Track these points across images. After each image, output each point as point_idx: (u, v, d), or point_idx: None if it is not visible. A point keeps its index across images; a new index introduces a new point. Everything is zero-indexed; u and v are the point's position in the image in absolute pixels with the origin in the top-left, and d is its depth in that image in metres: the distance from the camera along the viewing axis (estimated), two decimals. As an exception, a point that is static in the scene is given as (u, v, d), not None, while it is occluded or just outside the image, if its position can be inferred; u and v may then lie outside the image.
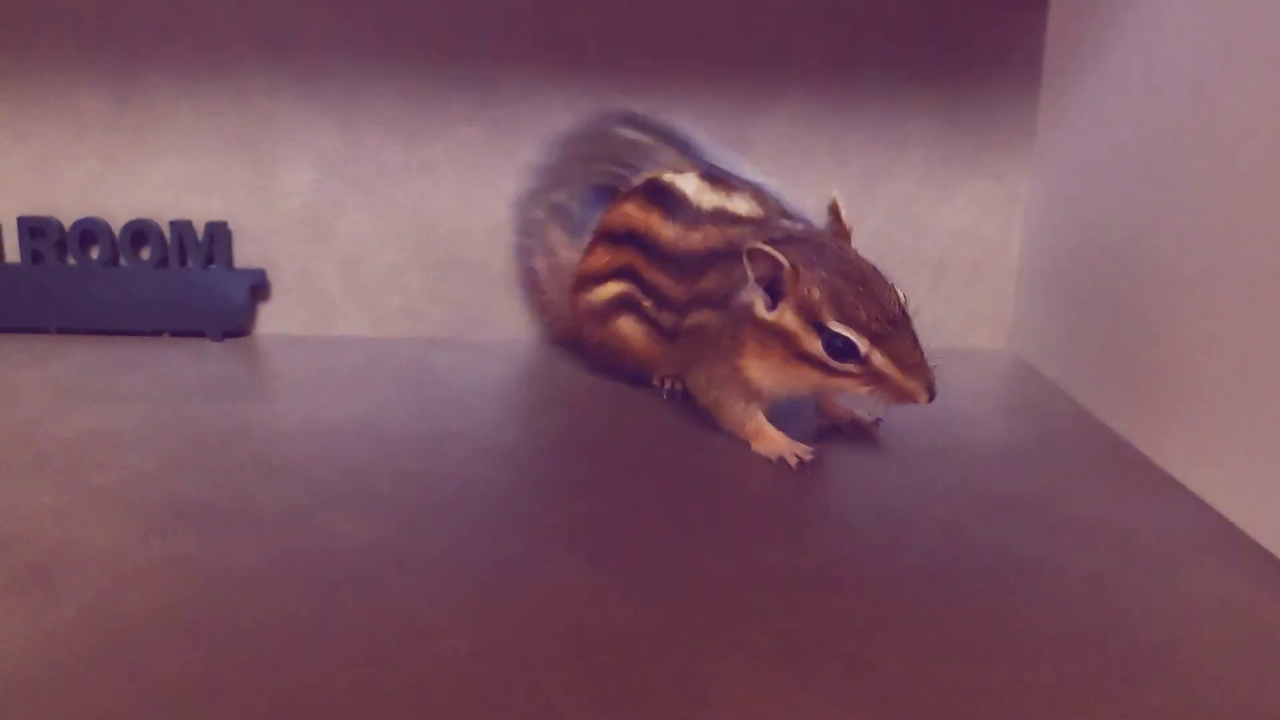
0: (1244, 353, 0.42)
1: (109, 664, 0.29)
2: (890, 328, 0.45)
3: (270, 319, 0.69)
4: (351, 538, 0.38)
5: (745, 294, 0.48)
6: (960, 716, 0.29)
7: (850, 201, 0.52)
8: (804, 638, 0.32)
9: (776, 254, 0.45)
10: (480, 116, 0.67)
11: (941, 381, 0.46)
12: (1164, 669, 0.31)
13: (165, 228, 0.67)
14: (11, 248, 0.67)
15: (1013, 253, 0.71)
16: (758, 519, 0.42)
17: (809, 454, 0.48)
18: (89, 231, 0.67)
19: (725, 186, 0.54)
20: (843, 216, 0.50)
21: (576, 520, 0.41)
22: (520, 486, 0.44)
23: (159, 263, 0.67)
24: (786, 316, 0.46)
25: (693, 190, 0.54)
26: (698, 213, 0.53)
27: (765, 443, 0.49)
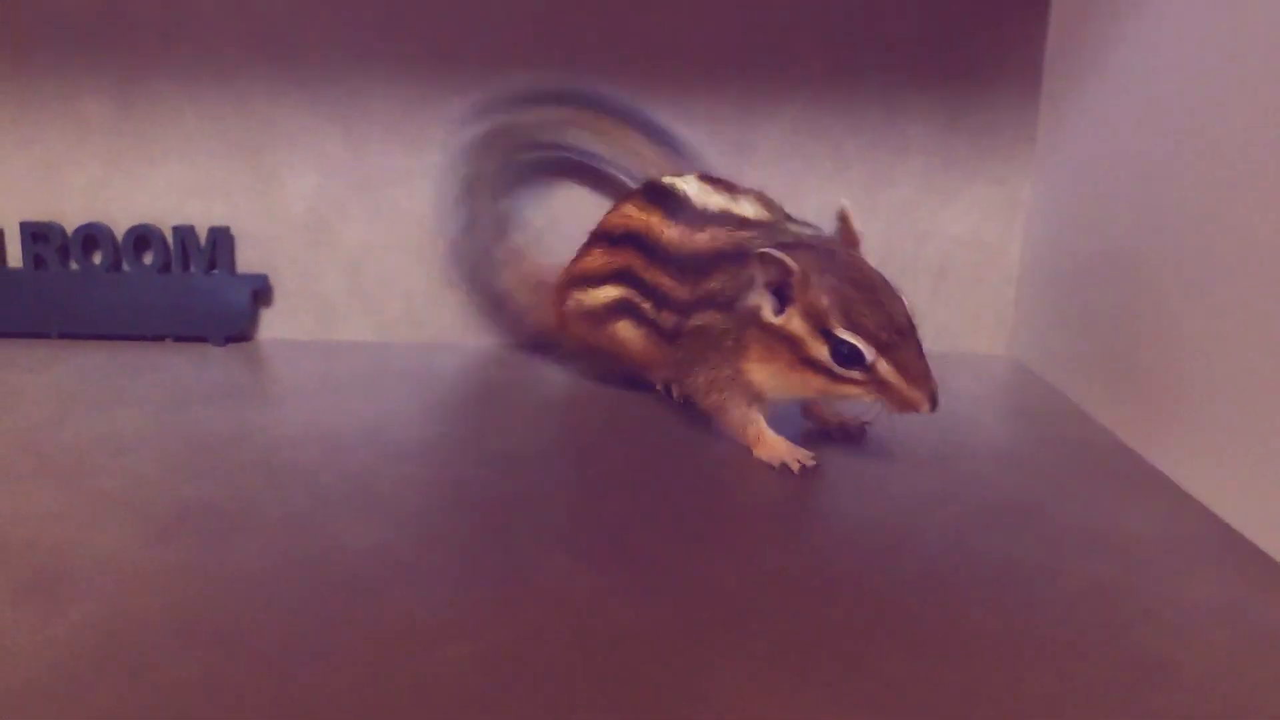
0: (1244, 357, 0.42)
1: (116, 670, 0.30)
2: (897, 337, 0.45)
3: (273, 324, 0.70)
4: (355, 543, 0.38)
5: (752, 297, 0.48)
6: (963, 722, 0.29)
7: (848, 207, 0.52)
8: (806, 642, 0.32)
9: (786, 259, 0.45)
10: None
11: (944, 390, 0.46)
12: (1166, 674, 0.31)
13: (168, 233, 0.67)
14: (14, 253, 0.68)
15: (1013, 258, 0.71)
16: (759, 523, 0.42)
17: (811, 459, 0.48)
18: (92, 237, 0.67)
19: (728, 189, 0.54)
20: (853, 224, 0.50)
21: (579, 525, 0.41)
22: (522, 491, 0.44)
23: (162, 268, 0.67)
24: (794, 322, 0.47)
25: (695, 191, 0.54)
26: (703, 214, 0.53)
27: (766, 448, 0.49)
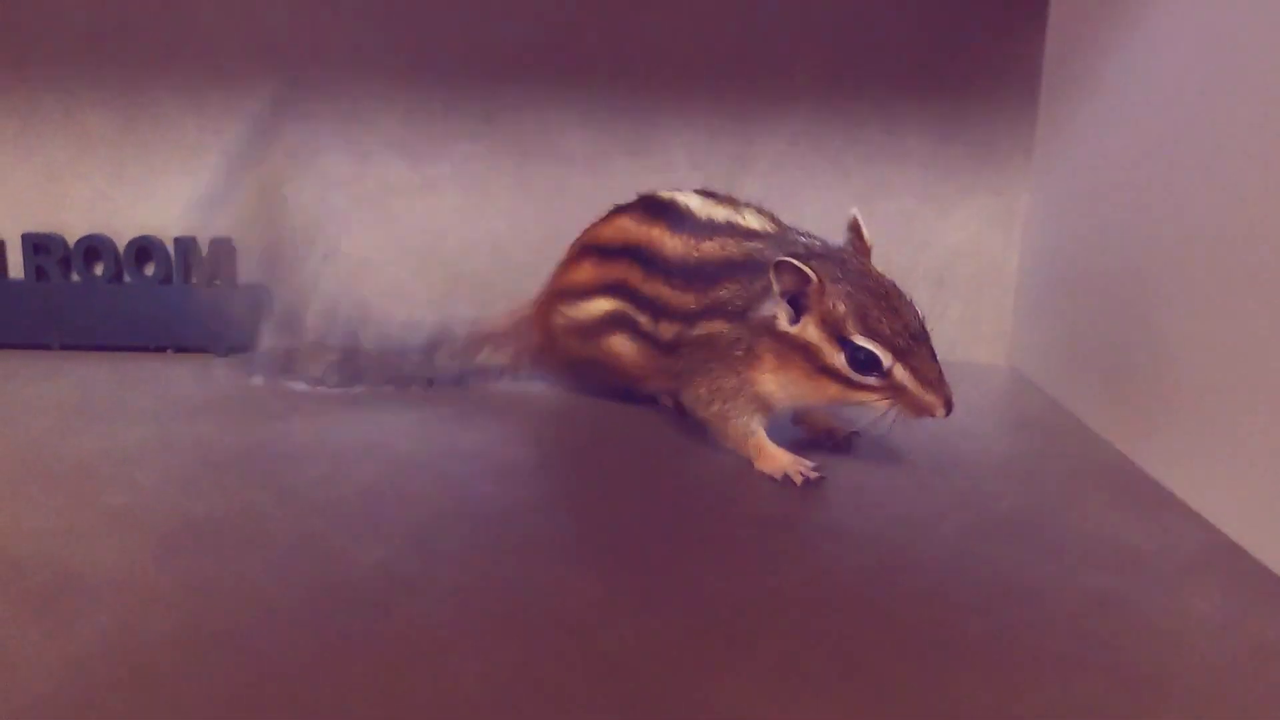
0: (1243, 368, 0.42)
1: (124, 686, 0.30)
2: (912, 343, 0.46)
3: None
4: (362, 560, 0.38)
5: (767, 307, 0.48)
6: (969, 738, 0.29)
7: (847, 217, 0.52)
8: (809, 656, 0.32)
9: (805, 267, 0.46)
10: (483, 135, 0.68)
11: (957, 396, 0.47)
12: (1166, 687, 0.31)
13: (170, 244, 0.68)
14: (16, 264, 0.68)
15: (1011, 268, 0.71)
16: (761, 536, 0.42)
17: (813, 471, 0.48)
18: (94, 248, 0.67)
19: (729, 202, 0.54)
20: (864, 233, 0.50)
21: (583, 539, 0.41)
22: (526, 504, 0.45)
23: (163, 279, 0.68)
24: (810, 330, 0.47)
25: (697, 205, 0.54)
26: (709, 224, 0.53)
27: (768, 460, 0.50)
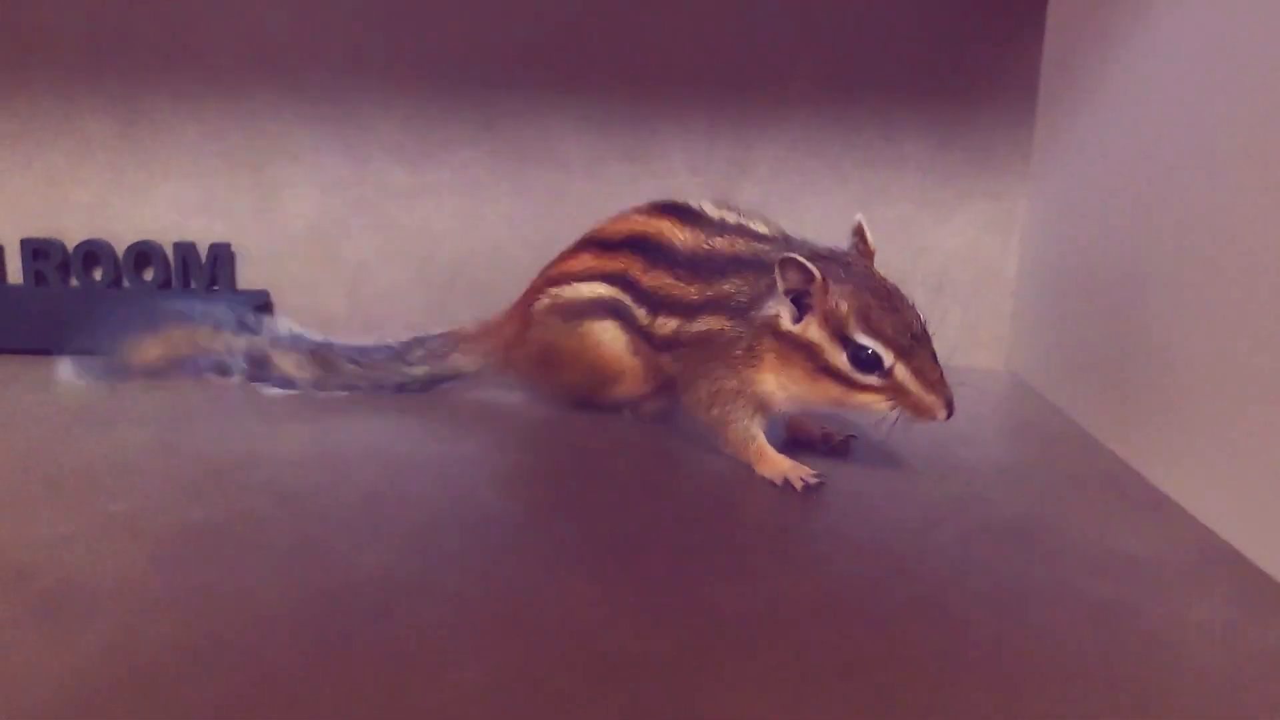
0: (1242, 374, 0.43)
1: (127, 694, 0.30)
2: (913, 343, 0.47)
3: (273, 340, 0.70)
4: (364, 566, 0.38)
5: (770, 306, 0.48)
6: (971, 746, 0.29)
7: (849, 223, 0.53)
8: (813, 664, 0.33)
9: (809, 264, 0.46)
10: (482, 140, 0.68)
11: (956, 401, 0.47)
12: (1168, 695, 0.32)
13: (169, 249, 0.68)
14: (15, 269, 0.68)
15: (1010, 273, 0.72)
16: (761, 543, 0.42)
17: (814, 477, 0.48)
18: (93, 253, 0.67)
19: (738, 210, 0.55)
20: (867, 237, 0.51)
21: (584, 546, 0.41)
22: (526, 511, 0.45)
23: (162, 284, 0.68)
24: (812, 329, 0.47)
25: (710, 207, 0.55)
26: (721, 224, 0.54)
27: (768, 465, 0.50)
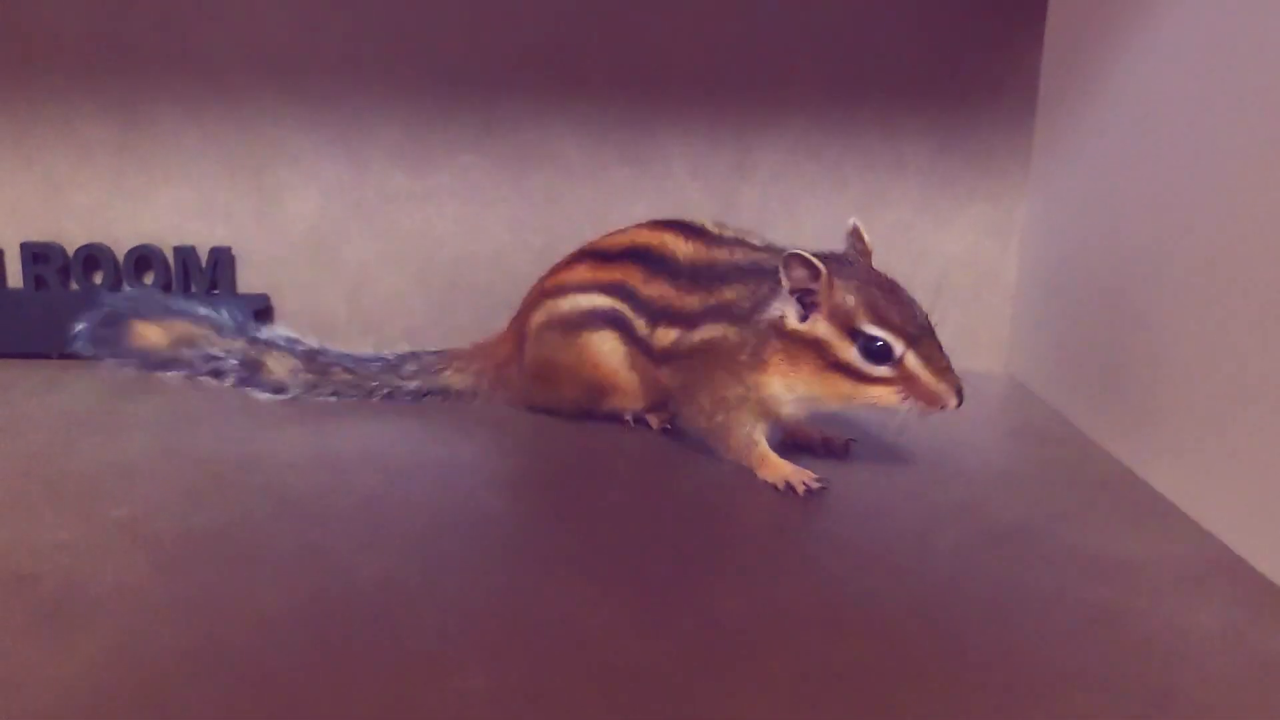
0: (1242, 378, 0.43)
1: (130, 702, 0.30)
2: (920, 331, 0.47)
3: (274, 344, 0.70)
4: (366, 573, 0.38)
5: (775, 307, 0.49)
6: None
7: (846, 227, 0.53)
8: (814, 671, 0.33)
9: (814, 259, 0.47)
10: (483, 144, 0.68)
11: (968, 387, 0.47)
12: (1169, 702, 0.32)
13: (169, 253, 0.68)
14: (15, 273, 0.68)
15: (1009, 277, 0.72)
16: (762, 549, 0.43)
17: (816, 482, 0.49)
18: (93, 257, 0.67)
19: (737, 229, 0.55)
20: (864, 238, 0.51)
21: (587, 552, 0.41)
22: (528, 516, 0.45)
23: (163, 288, 0.68)
24: (820, 325, 0.48)
25: (710, 223, 0.56)
26: (720, 237, 0.54)
27: (771, 469, 0.50)
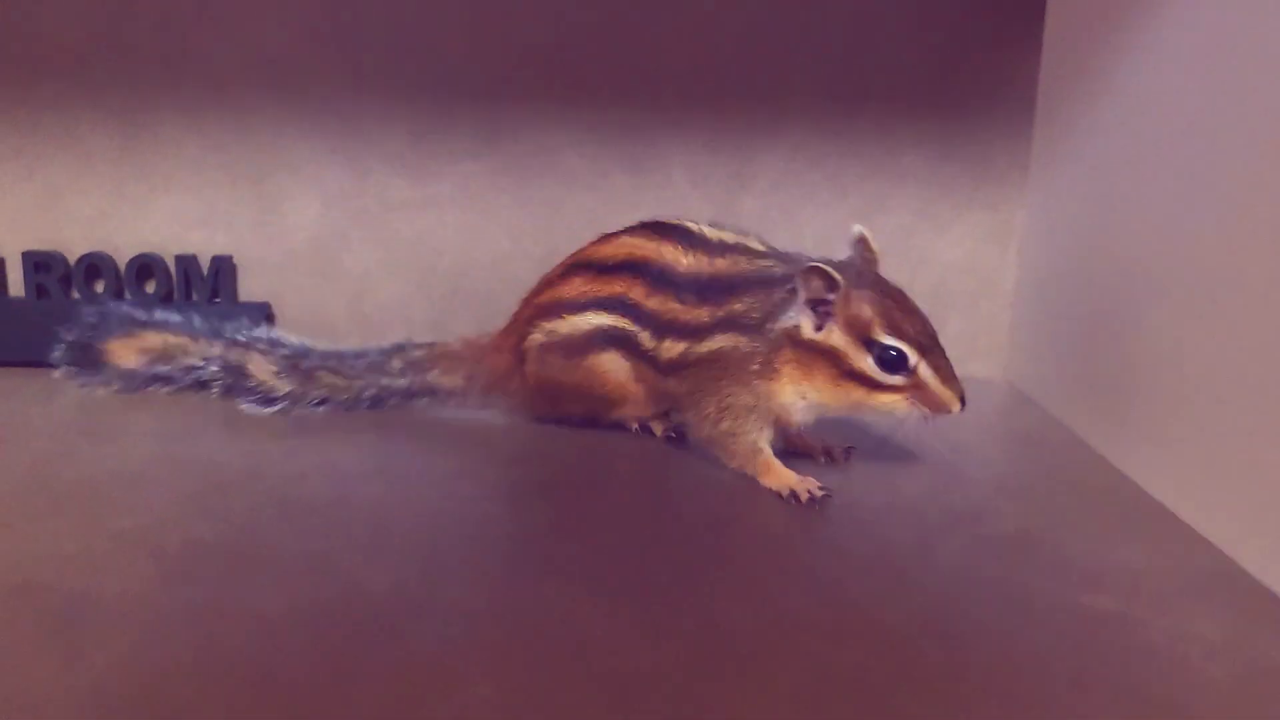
0: (1243, 385, 0.43)
1: (140, 715, 0.30)
2: (930, 341, 0.49)
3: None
4: (372, 582, 0.38)
5: (789, 316, 0.49)
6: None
7: (848, 234, 0.53)
8: (818, 681, 0.33)
9: (833, 272, 0.47)
10: (484, 152, 0.68)
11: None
12: (1170, 710, 0.32)
13: (170, 262, 0.68)
14: (16, 282, 0.68)
15: (1008, 284, 0.72)
16: (766, 557, 0.43)
17: (820, 490, 0.49)
18: (94, 266, 0.67)
19: (735, 231, 0.55)
20: (871, 245, 0.52)
21: (591, 561, 0.41)
22: (532, 525, 0.45)
23: (164, 297, 0.68)
24: (835, 335, 0.49)
25: (706, 228, 0.55)
26: (720, 244, 0.54)
27: (775, 477, 0.50)
